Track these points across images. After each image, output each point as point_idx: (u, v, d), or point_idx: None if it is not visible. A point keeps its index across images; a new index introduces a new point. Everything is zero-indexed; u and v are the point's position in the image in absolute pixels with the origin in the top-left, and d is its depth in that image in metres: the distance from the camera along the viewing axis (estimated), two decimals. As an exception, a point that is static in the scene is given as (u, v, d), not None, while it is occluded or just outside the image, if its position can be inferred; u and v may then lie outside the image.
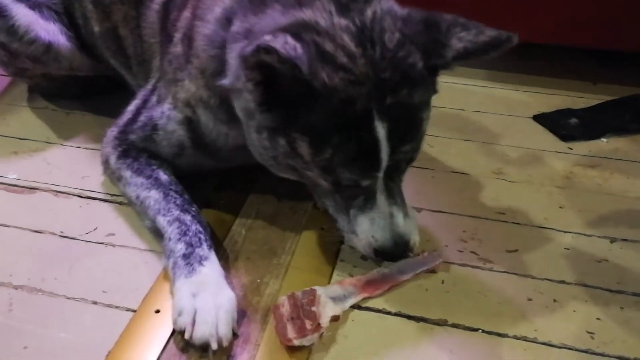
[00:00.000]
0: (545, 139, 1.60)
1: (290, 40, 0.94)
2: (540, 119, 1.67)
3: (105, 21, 1.48)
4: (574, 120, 1.65)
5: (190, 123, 1.23)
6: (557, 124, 1.64)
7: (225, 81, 1.09)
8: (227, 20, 1.11)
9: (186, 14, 1.21)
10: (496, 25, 1.04)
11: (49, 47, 1.50)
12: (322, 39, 0.98)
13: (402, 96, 1.00)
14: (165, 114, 1.24)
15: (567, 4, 1.79)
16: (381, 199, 1.08)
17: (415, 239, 1.12)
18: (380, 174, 1.05)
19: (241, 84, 1.03)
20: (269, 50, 0.91)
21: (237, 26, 1.08)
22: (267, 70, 0.95)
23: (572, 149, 1.56)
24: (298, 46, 0.94)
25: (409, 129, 1.04)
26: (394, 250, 1.10)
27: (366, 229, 1.10)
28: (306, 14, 1.01)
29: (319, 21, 0.99)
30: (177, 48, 1.22)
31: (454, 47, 1.01)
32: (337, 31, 0.99)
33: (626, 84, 1.81)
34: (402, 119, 1.02)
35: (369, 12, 1.01)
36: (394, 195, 1.09)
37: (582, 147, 1.56)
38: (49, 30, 1.50)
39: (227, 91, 1.12)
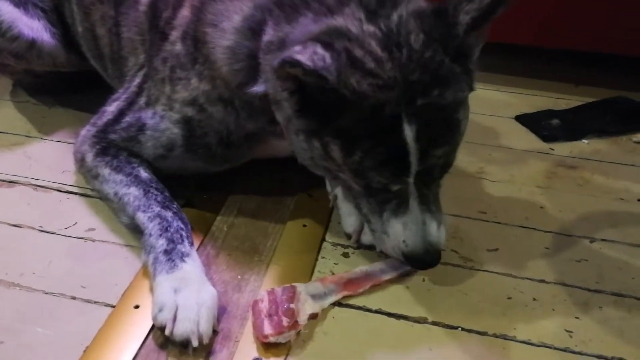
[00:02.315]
0: (527, 139, 1.61)
1: (319, 50, 0.93)
2: (522, 119, 1.68)
3: (85, 21, 1.47)
4: (555, 121, 1.66)
5: (188, 122, 1.21)
6: (539, 124, 1.66)
7: (258, 88, 1.09)
8: (250, 30, 1.09)
9: (184, 12, 1.19)
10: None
11: (32, 44, 1.49)
12: (352, 45, 0.97)
13: (433, 97, 0.98)
14: (158, 114, 1.22)
15: (550, 6, 1.81)
16: (414, 205, 1.06)
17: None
18: (411, 179, 1.03)
19: (278, 93, 1.03)
20: (293, 63, 0.91)
21: (270, 35, 1.06)
22: (298, 80, 0.95)
23: (553, 149, 1.57)
24: (327, 56, 0.93)
25: (441, 131, 1.01)
26: (424, 258, 1.07)
27: (398, 233, 1.07)
28: (337, 21, 1.00)
29: (350, 28, 0.99)
30: (175, 47, 1.20)
31: (462, 22, 0.99)
32: (365, 37, 0.98)
33: (607, 86, 1.83)
34: (433, 121, 0.99)
35: (395, 16, 1.00)
36: (428, 202, 1.06)
37: (563, 148, 1.57)
38: (32, 28, 1.49)
39: (256, 97, 1.11)
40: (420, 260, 1.08)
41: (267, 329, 1.00)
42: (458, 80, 1.01)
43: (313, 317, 1.04)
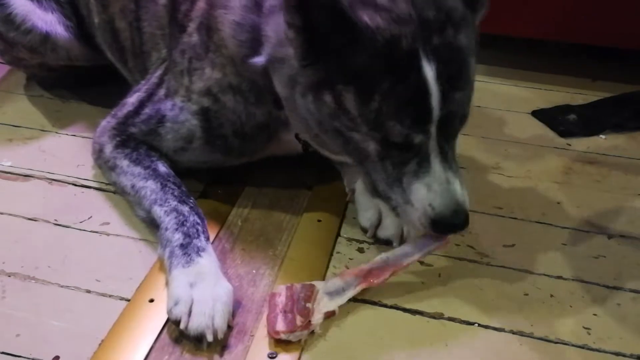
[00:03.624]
0: (544, 134, 1.60)
1: None
2: (538, 114, 1.67)
3: (102, 13, 1.47)
4: (572, 117, 1.65)
5: (206, 113, 1.21)
6: (556, 120, 1.64)
7: (261, 58, 1.08)
8: (256, 5, 1.10)
9: (200, 4, 1.20)
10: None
11: (46, 37, 1.49)
12: None
13: (449, 36, 0.97)
14: (177, 106, 1.23)
15: (567, 0, 1.79)
16: (436, 162, 1.01)
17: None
18: (433, 128, 0.98)
19: (283, 48, 1.02)
20: None
21: (272, 0, 1.07)
22: (308, 13, 0.94)
23: (570, 145, 1.55)
24: None
25: (459, 73, 0.98)
26: (453, 219, 1.01)
27: (422, 197, 1.01)
28: None
29: None
30: (192, 38, 1.21)
31: None
32: None
33: (625, 82, 1.81)
34: (451, 61, 0.97)
35: None
36: (449, 160, 1.02)
37: (580, 144, 1.56)
38: (46, 21, 1.49)
39: (258, 74, 1.11)
40: (449, 222, 1.02)
41: (280, 325, 0.99)
42: (469, 24, 1.01)
43: (329, 315, 1.02)
